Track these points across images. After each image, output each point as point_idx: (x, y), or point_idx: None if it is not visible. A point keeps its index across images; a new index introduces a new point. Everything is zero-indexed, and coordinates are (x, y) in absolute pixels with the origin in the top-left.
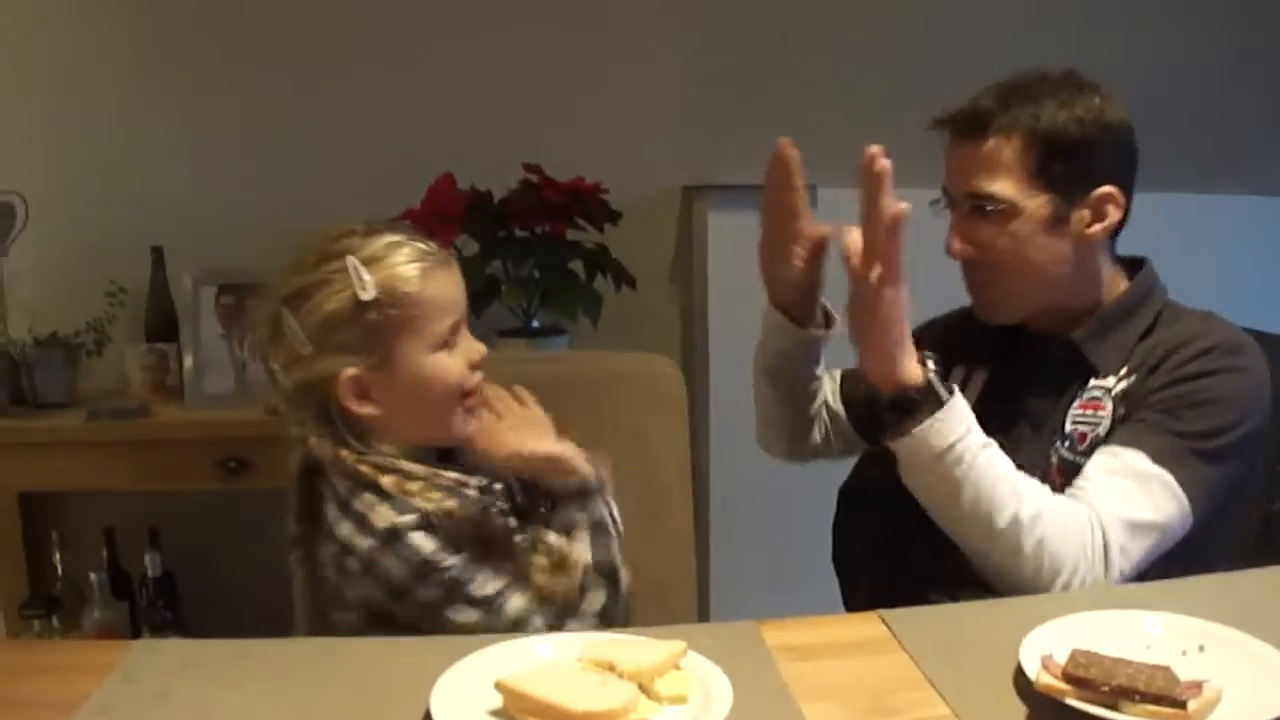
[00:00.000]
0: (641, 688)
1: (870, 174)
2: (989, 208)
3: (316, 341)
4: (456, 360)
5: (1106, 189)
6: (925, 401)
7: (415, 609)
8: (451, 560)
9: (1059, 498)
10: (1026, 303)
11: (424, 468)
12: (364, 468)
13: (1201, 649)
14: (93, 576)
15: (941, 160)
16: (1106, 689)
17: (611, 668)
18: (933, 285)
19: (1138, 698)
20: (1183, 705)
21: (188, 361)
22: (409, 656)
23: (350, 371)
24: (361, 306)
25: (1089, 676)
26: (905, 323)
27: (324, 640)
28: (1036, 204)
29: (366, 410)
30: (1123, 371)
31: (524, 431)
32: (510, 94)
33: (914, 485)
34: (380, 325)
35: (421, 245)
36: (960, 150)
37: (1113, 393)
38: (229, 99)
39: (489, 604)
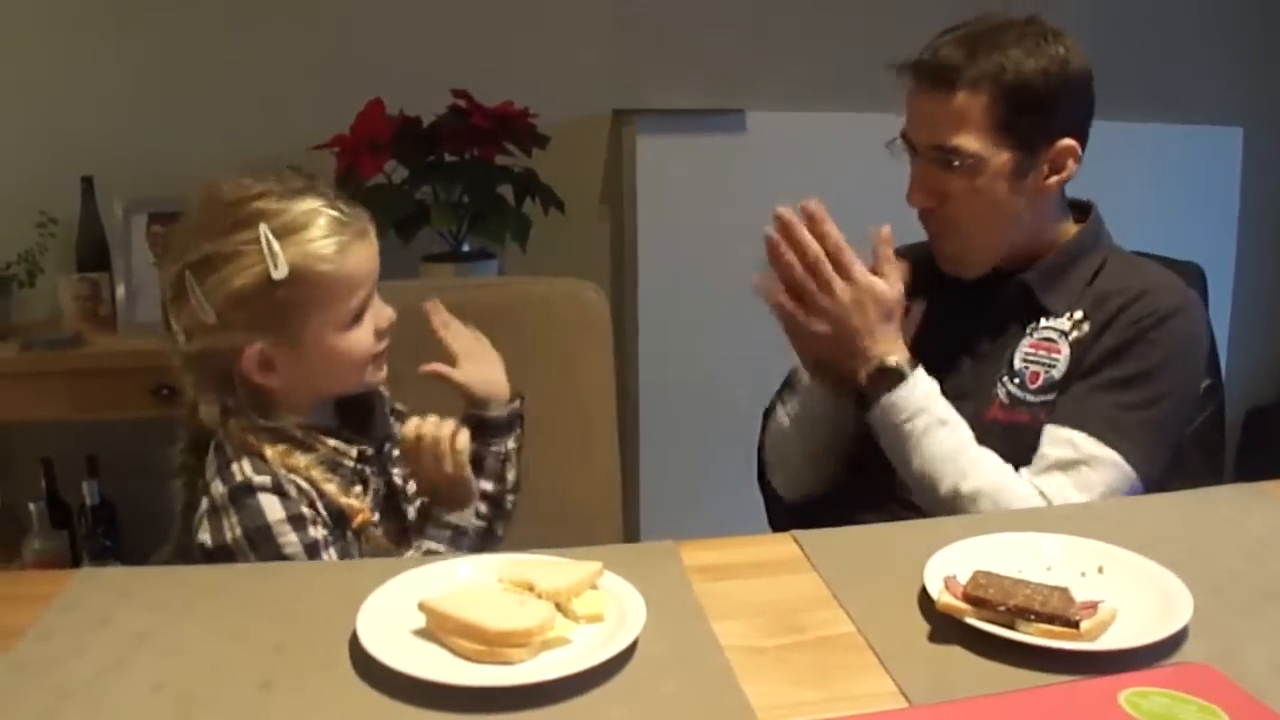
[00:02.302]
0: (559, 607)
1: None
2: (957, 162)
3: (222, 314)
4: (365, 333)
5: (1067, 142)
6: (885, 377)
7: None
8: (291, 539)
9: (1008, 481)
10: (989, 255)
11: (303, 432)
12: (250, 438)
13: (1101, 571)
14: (31, 507)
15: (880, 84)
16: (1004, 608)
17: (530, 588)
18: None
19: (1033, 617)
20: (1076, 624)
21: (120, 290)
22: (338, 580)
23: (256, 347)
24: (272, 284)
25: (987, 597)
26: (856, 317)
27: (257, 565)
28: (1001, 159)
29: (269, 381)
30: (1077, 316)
31: (481, 362)
32: (439, 19)
33: (881, 444)
34: (290, 303)
35: (338, 214)
36: (926, 101)
37: (1069, 337)
38: (157, 27)
39: None
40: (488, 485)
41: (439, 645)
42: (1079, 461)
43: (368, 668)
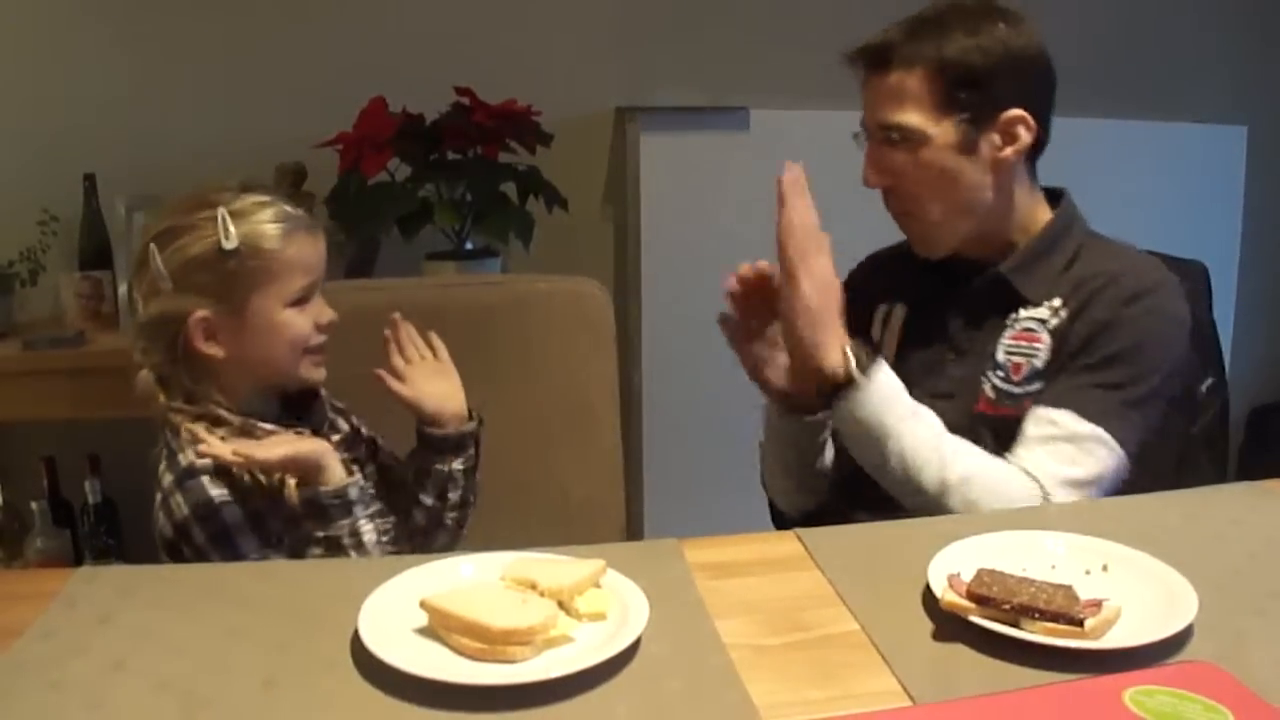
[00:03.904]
0: (561, 605)
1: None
2: (897, 137)
3: (176, 279)
4: (304, 319)
5: (1015, 112)
6: (846, 384)
7: (192, 550)
8: (233, 508)
9: (996, 463)
10: (952, 230)
11: (240, 418)
12: (173, 415)
13: (1105, 569)
14: (34, 505)
15: None
16: (1008, 607)
17: (533, 586)
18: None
19: (1037, 615)
20: (1080, 623)
21: (122, 288)
22: (339, 578)
23: (202, 313)
24: (223, 254)
25: (991, 595)
26: (816, 321)
27: (256, 564)
28: (944, 130)
29: (212, 351)
30: (1056, 304)
31: (434, 378)
32: (442, 16)
33: (853, 454)
34: (237, 274)
35: (288, 209)
36: (869, 83)
37: (1048, 325)
38: (159, 24)
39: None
40: (427, 500)
41: (441, 644)
42: (1061, 438)
43: (370, 666)
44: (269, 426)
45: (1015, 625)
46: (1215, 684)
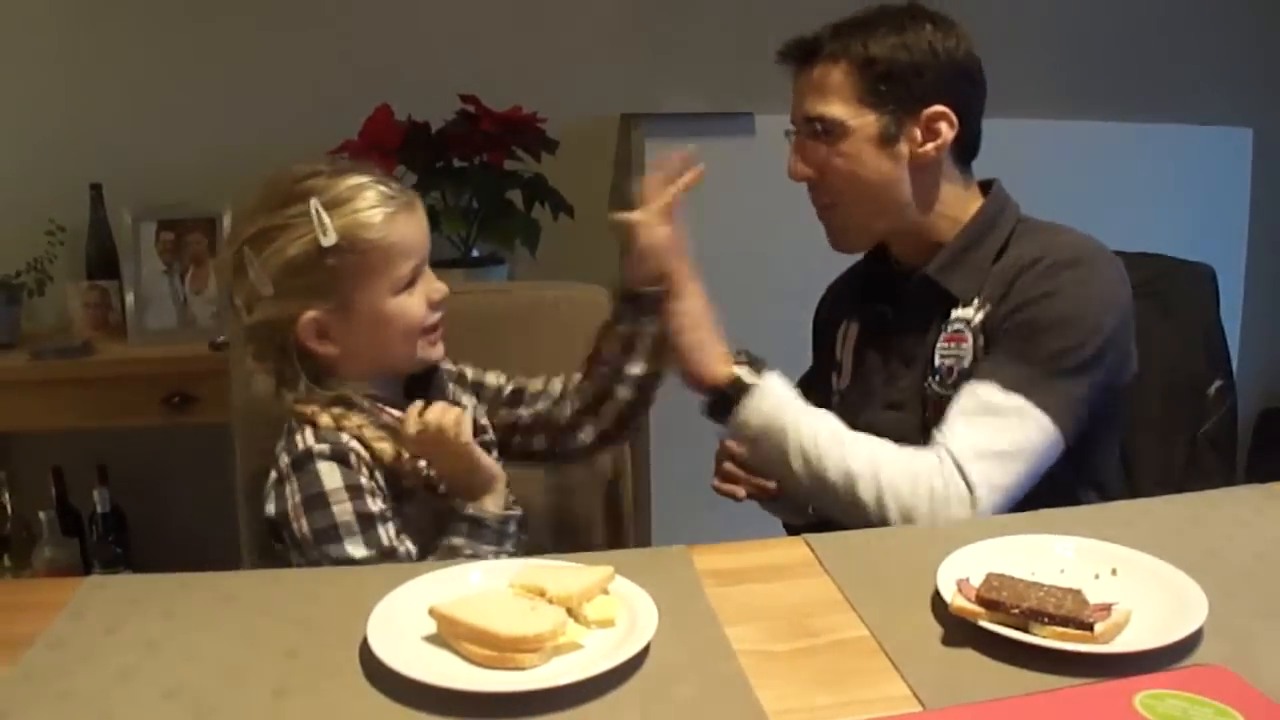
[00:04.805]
0: (570, 612)
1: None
2: (820, 129)
3: (278, 284)
4: (417, 301)
5: (937, 108)
6: (735, 393)
7: (292, 536)
8: (345, 504)
9: (901, 448)
10: (870, 226)
11: (369, 401)
12: (302, 408)
13: (1114, 573)
14: (42, 515)
15: None
16: (1017, 611)
17: (541, 593)
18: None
19: (1046, 619)
20: (1089, 627)
21: (129, 298)
22: (348, 586)
23: (310, 314)
24: (323, 252)
25: (1000, 599)
26: (700, 330)
27: (265, 572)
28: (865, 123)
29: (326, 349)
30: (978, 300)
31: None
32: (446, 24)
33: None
34: (341, 270)
35: (385, 188)
36: (797, 77)
37: (972, 324)
38: (165, 33)
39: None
40: (636, 369)
41: (450, 651)
42: (981, 410)
43: (379, 674)
44: (397, 414)
45: (1024, 630)
46: (1226, 687)
